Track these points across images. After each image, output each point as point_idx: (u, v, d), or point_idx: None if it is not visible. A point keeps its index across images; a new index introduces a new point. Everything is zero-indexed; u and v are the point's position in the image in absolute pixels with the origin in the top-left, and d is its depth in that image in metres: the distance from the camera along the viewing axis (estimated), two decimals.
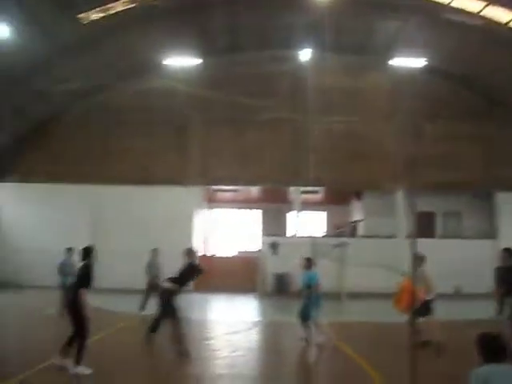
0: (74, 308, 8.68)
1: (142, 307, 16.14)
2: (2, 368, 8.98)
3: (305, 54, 25.82)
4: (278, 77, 26.08)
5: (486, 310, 16.29)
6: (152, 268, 16.57)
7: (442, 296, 16.35)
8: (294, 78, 26.30)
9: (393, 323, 12.64)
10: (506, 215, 26.78)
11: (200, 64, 24.96)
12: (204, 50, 24.74)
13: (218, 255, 30.40)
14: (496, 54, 23.20)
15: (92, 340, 8.84)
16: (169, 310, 10.30)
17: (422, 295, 10.23)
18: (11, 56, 19.92)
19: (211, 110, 26.04)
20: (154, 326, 10.96)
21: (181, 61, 24.61)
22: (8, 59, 20.08)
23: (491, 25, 21.93)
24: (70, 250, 15.14)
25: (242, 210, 33.89)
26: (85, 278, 8.78)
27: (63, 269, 15.02)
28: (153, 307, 15.63)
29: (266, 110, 25.64)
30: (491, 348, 4.36)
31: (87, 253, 9.04)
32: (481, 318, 14.33)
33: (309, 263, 12.26)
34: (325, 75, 26.32)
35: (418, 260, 10.60)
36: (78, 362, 8.49)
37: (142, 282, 18.72)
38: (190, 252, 11.01)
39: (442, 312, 11.34)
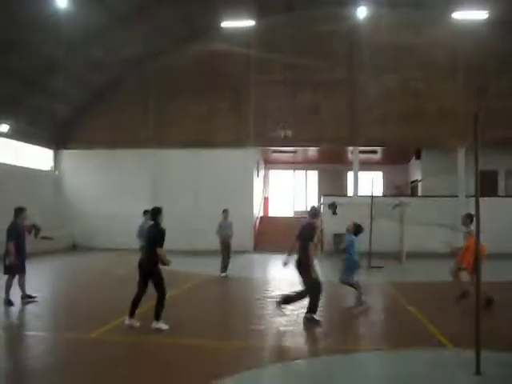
0: (150, 267, 9.12)
1: (224, 268, 16.52)
2: (82, 322, 9.61)
3: (361, 12, 25.35)
4: (333, 36, 25.83)
5: None
6: (223, 228, 16.72)
7: (505, 255, 16.25)
8: (350, 37, 25.97)
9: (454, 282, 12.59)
10: None
11: (255, 25, 24.87)
12: (259, 11, 24.55)
13: (276, 216, 30.79)
14: None
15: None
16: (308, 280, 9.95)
17: (484, 253, 10.17)
18: (69, 26, 20.38)
19: (267, 72, 26.05)
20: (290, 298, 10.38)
21: (236, 23, 24.58)
22: (66, 29, 20.55)
23: None
24: (146, 212, 15.22)
25: (300, 171, 34.03)
26: (157, 236, 9.15)
27: (142, 231, 15.19)
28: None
29: (323, 70, 25.53)
30: None
31: (155, 213, 9.38)
32: None
33: (355, 228, 11.91)
34: (382, 32, 25.82)
35: (469, 218, 11.21)
36: (157, 317, 8.98)
37: (201, 244, 19.14)
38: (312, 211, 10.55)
39: (505, 271, 11.31)
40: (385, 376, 6.87)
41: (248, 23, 24.53)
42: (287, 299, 10.28)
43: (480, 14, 23.22)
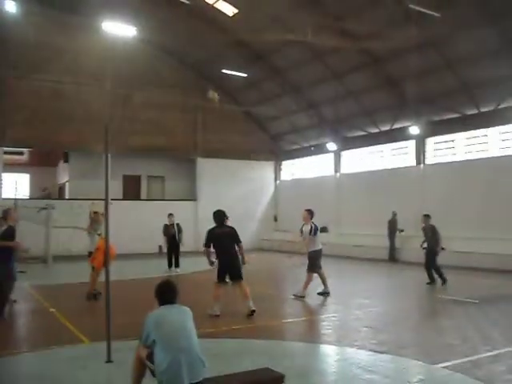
0: None
1: None
2: None
3: (10, 6, 24.06)
4: None
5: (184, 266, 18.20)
6: None
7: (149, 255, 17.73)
8: None
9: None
10: (204, 179, 29.57)
11: None
12: None
13: None
14: (203, 31, 24.91)
15: None
16: None
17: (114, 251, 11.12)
18: None
19: None
20: None
21: None
22: None
23: (199, 3, 23.58)
24: None
25: None
26: None
27: None
28: None
29: None
30: (164, 292, 5.35)
31: None
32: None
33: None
34: (34, 31, 25.10)
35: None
36: None
37: None
38: None
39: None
40: (20, 378, 7.08)
41: None
42: None
43: (130, 30, 24.12)
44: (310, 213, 13.37)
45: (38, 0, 24.39)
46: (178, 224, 19.45)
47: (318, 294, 13.18)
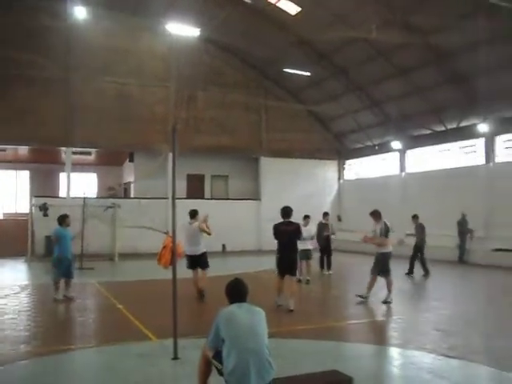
0: None
1: None
2: None
3: (80, 11, 24.66)
4: (50, 32, 24.86)
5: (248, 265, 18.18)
6: None
7: (213, 253, 17.80)
8: (67, 35, 25.41)
9: (160, 279, 13.30)
10: (267, 178, 29.51)
11: None
12: None
13: None
14: (265, 30, 24.93)
15: None
16: None
17: (181, 249, 11.30)
18: None
19: None
20: None
21: None
22: None
23: (262, 2, 23.57)
24: None
25: (9, 171, 32.26)
26: None
27: None
28: None
29: (38, 67, 24.40)
30: (234, 291, 5.31)
31: None
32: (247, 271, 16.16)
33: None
34: (99, 34, 25.97)
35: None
36: None
37: None
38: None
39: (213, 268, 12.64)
40: (92, 371, 7.20)
41: None
42: None
43: (193, 31, 24.30)
44: (376, 213, 12.85)
45: (106, 4, 24.87)
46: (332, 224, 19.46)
47: (383, 302, 12.51)
